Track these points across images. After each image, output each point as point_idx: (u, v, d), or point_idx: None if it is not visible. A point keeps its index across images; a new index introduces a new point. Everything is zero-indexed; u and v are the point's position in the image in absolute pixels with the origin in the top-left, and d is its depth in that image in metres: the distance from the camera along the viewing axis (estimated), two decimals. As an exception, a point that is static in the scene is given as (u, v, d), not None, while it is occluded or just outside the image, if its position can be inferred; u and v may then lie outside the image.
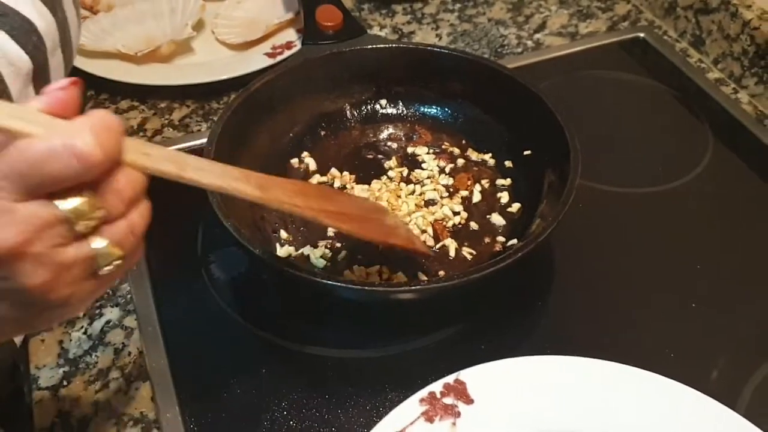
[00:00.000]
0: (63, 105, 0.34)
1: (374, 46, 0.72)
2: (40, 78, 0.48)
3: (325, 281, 0.51)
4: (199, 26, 0.83)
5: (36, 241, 0.33)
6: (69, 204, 0.33)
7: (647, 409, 0.49)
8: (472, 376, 0.50)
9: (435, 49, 0.72)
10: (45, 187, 0.33)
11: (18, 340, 0.56)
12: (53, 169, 0.32)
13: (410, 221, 0.63)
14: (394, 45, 0.74)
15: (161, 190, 0.40)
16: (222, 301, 0.59)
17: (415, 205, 0.64)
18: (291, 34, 0.83)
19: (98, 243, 0.35)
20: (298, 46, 0.80)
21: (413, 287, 0.53)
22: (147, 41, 0.80)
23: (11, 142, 0.32)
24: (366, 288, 0.52)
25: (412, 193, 0.66)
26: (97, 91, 0.78)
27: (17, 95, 0.45)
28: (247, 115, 0.65)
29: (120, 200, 0.35)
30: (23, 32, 0.46)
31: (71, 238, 0.34)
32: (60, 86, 0.34)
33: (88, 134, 0.32)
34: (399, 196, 0.65)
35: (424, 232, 0.62)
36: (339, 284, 0.51)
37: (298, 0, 0.79)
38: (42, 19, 0.47)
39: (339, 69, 0.71)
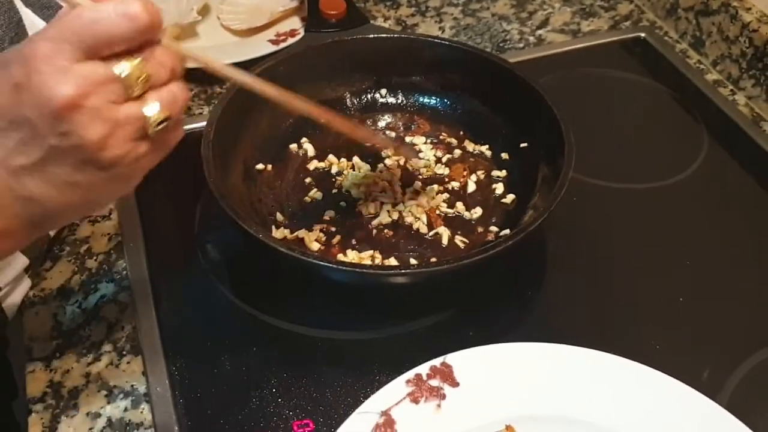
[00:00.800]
0: None
1: (376, 35, 0.73)
2: None
3: (317, 262, 0.52)
4: (204, 11, 0.83)
5: (92, 96, 0.36)
6: (120, 66, 0.37)
7: (630, 398, 0.50)
8: (458, 359, 0.51)
9: (436, 40, 0.73)
10: (99, 49, 0.37)
11: (11, 311, 0.56)
12: (106, 29, 0.36)
13: (405, 209, 0.64)
14: (395, 35, 0.75)
15: (159, 171, 0.42)
16: (216, 280, 0.60)
17: (411, 192, 0.65)
18: (295, 22, 0.83)
19: (148, 105, 0.39)
20: (301, 33, 0.81)
21: (404, 271, 0.54)
22: (152, 24, 0.80)
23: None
24: (357, 270, 0.53)
25: (409, 182, 0.67)
26: (101, 72, 0.79)
27: None
28: (247, 100, 0.66)
29: (163, 68, 0.39)
30: None
31: (123, 97, 0.38)
32: None
33: (136, 1, 0.37)
34: (392, 183, 0.66)
35: (417, 219, 0.63)
36: (331, 265, 0.52)
37: (303, -13, 0.80)
38: None
39: (340, 57, 0.72)
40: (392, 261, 0.60)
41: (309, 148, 0.70)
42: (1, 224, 0.39)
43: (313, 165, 0.69)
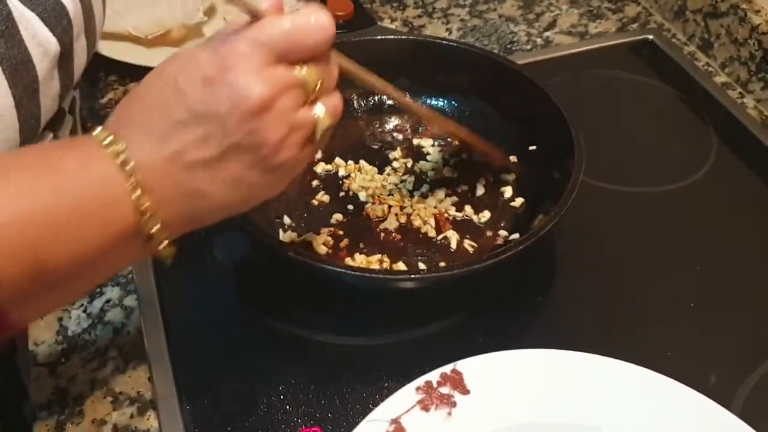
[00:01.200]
0: (279, 5, 0.40)
1: (383, 37, 0.73)
2: (64, 61, 0.48)
3: (325, 266, 0.52)
4: (210, 11, 0.83)
5: (281, 98, 0.39)
6: (304, 71, 0.40)
7: (642, 406, 0.49)
8: (469, 366, 0.50)
9: (444, 41, 0.73)
10: (290, 54, 0.39)
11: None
12: (304, 37, 0.39)
13: (413, 212, 0.63)
14: (403, 36, 0.74)
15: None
16: (223, 284, 0.60)
17: (420, 195, 0.65)
18: (302, 23, 0.83)
19: (319, 109, 0.41)
20: (307, 34, 0.80)
21: (413, 276, 0.53)
22: (158, 24, 0.80)
23: (253, 23, 0.39)
24: (366, 275, 0.52)
25: (417, 184, 0.67)
26: (106, 73, 0.79)
27: (44, 77, 0.46)
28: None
29: (333, 76, 0.42)
30: (54, 15, 0.46)
31: (303, 101, 0.40)
32: None
33: (325, 12, 0.40)
34: (400, 187, 0.66)
35: (425, 223, 0.63)
36: (339, 270, 0.52)
37: (310, -12, 0.79)
38: (72, 4, 0.48)
39: (347, 59, 0.71)
40: (400, 265, 0.59)
41: (316, 151, 0.69)
42: (163, 216, 0.38)
43: (320, 167, 0.68)
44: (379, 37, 0.72)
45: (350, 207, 0.65)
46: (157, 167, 0.38)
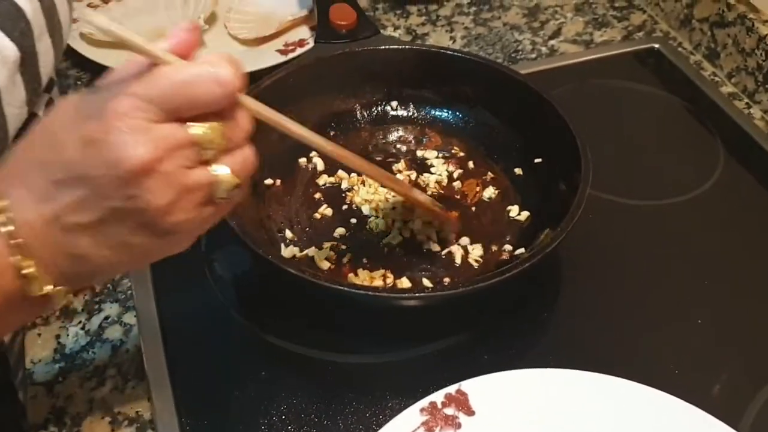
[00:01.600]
0: (187, 46, 0.37)
1: (387, 47, 0.72)
2: (28, 65, 0.47)
3: (328, 285, 0.51)
4: (211, 19, 0.82)
5: (166, 160, 0.35)
6: (200, 129, 0.36)
7: (649, 425, 0.48)
8: (474, 387, 0.49)
9: (448, 51, 0.72)
10: (183, 111, 0.36)
11: (5, 338, 0.55)
12: (196, 93, 0.35)
13: (416, 226, 0.63)
14: (407, 46, 0.74)
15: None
16: (224, 300, 0.59)
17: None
18: (304, 32, 0.82)
19: (220, 169, 0.38)
20: (311, 43, 0.79)
21: (417, 294, 0.52)
22: (158, 33, 0.79)
23: (149, 70, 0.35)
24: (370, 294, 0.51)
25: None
26: (105, 82, 0.78)
27: (5, 83, 0.45)
28: (256, 113, 0.65)
29: (240, 132, 0.38)
30: (10, 19, 0.45)
31: (197, 162, 0.37)
32: (185, 29, 0.38)
33: (228, 66, 0.36)
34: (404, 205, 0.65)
35: (429, 238, 0.62)
36: (343, 288, 0.51)
37: (312, -3, 0.79)
38: (29, 4, 0.47)
39: (351, 69, 0.71)
40: (404, 281, 0.58)
41: (318, 163, 0.69)
42: (50, 278, 0.37)
43: (322, 180, 0.67)
44: (382, 47, 0.71)
45: (353, 221, 0.64)
46: (38, 227, 0.36)
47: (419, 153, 0.71)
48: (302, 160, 0.69)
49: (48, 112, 0.51)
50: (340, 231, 0.62)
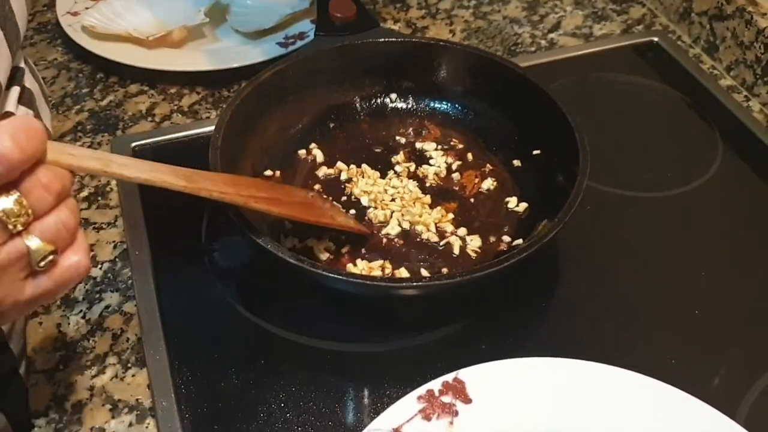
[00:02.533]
0: None
1: (386, 39, 0.72)
2: None
3: (327, 274, 0.51)
4: (212, 12, 0.82)
5: None
6: None
7: (645, 415, 0.49)
8: (471, 375, 0.50)
9: (446, 44, 0.72)
10: None
11: (4, 327, 0.55)
12: None
13: (420, 216, 0.63)
14: (406, 39, 0.74)
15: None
16: (224, 289, 0.59)
17: (422, 204, 0.64)
18: (305, 25, 0.82)
19: (31, 239, 0.36)
20: (311, 36, 0.79)
21: (415, 283, 0.53)
22: (159, 25, 0.79)
23: None
24: (368, 282, 0.52)
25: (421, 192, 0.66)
26: (106, 74, 0.78)
27: None
28: (256, 104, 0.65)
29: (47, 195, 0.36)
30: None
31: (5, 237, 0.35)
32: None
33: (6, 136, 0.34)
34: (402, 196, 0.65)
35: (428, 228, 0.62)
36: (341, 277, 0.51)
37: (312, -11, 0.79)
38: None
39: (350, 61, 0.71)
40: (403, 271, 0.59)
41: (318, 154, 0.69)
42: None
43: (322, 171, 0.68)
44: (382, 40, 0.71)
45: (352, 211, 0.64)
46: None
47: (418, 145, 0.71)
48: (301, 152, 0.69)
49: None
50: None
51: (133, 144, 0.70)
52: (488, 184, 0.67)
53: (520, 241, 0.61)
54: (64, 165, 0.38)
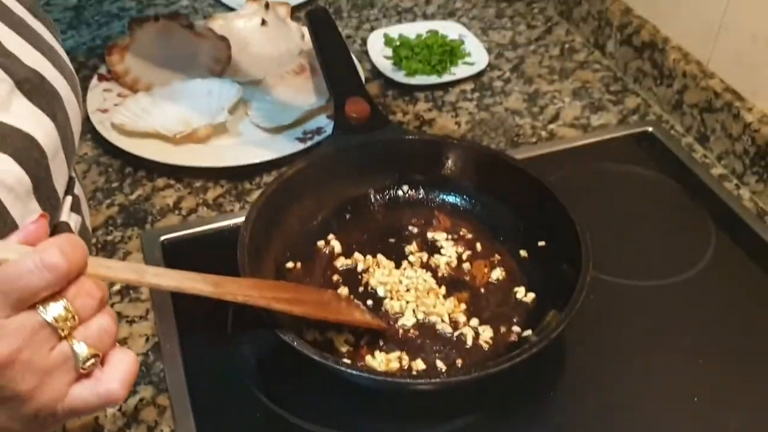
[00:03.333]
0: (35, 235, 0.42)
1: (397, 136, 0.77)
2: (43, 186, 0.51)
3: (349, 371, 0.55)
4: (234, 109, 0.87)
5: (24, 349, 0.39)
6: (50, 311, 0.39)
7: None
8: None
9: (452, 141, 0.78)
10: (26, 300, 0.39)
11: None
12: (29, 282, 0.38)
13: (434, 307, 0.67)
14: (416, 137, 0.79)
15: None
16: (250, 382, 0.62)
17: (435, 295, 0.68)
18: (322, 120, 0.88)
19: (76, 343, 0.40)
20: (327, 131, 0.85)
21: (432, 381, 0.56)
22: (184, 122, 0.84)
23: None
24: (388, 380, 0.56)
25: (434, 282, 0.70)
26: (134, 169, 0.83)
27: (20, 217, 0.49)
28: (279, 200, 0.70)
29: (91, 301, 0.41)
30: (25, 150, 0.49)
31: (55, 342, 0.40)
32: (31, 221, 0.42)
33: (54, 249, 0.39)
34: (417, 287, 0.69)
35: (441, 320, 0.66)
36: (362, 374, 0.55)
37: (329, 91, 0.84)
38: (41, 129, 0.51)
39: (365, 157, 0.76)
40: (419, 363, 0.62)
41: (336, 245, 0.73)
42: None
43: (340, 262, 0.72)
44: (394, 137, 0.77)
45: (369, 302, 0.68)
46: None
47: (429, 235, 0.75)
48: (320, 243, 0.73)
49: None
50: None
51: (162, 238, 0.75)
52: (497, 274, 0.71)
53: (529, 331, 0.65)
54: (103, 276, 0.43)
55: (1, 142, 0.48)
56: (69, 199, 0.57)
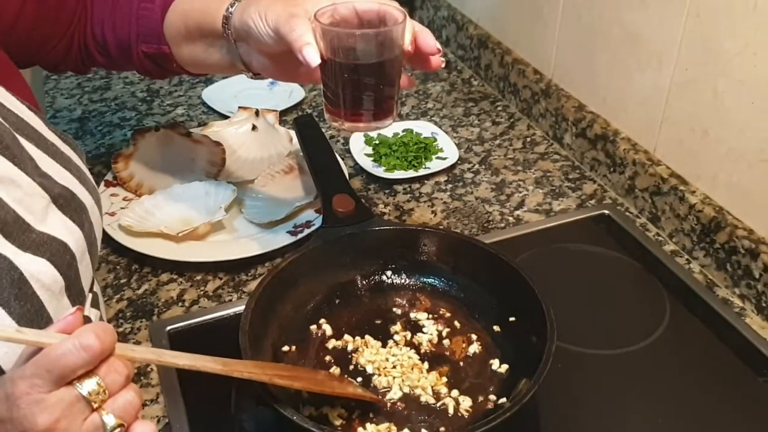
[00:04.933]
0: (72, 325, 0.48)
1: (380, 227, 0.86)
2: (73, 285, 0.60)
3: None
4: (229, 207, 0.96)
5: (63, 419, 0.45)
6: (85, 386, 0.47)
7: None
8: None
9: (429, 229, 0.86)
10: (66, 377, 0.46)
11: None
12: (68, 361, 0.46)
13: (418, 381, 0.73)
14: (396, 227, 0.88)
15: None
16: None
17: (419, 370, 0.75)
18: (310, 215, 0.96)
19: (105, 414, 0.48)
20: (316, 224, 0.93)
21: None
22: (184, 221, 0.93)
23: (36, 352, 0.47)
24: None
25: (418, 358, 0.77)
26: (140, 266, 0.91)
27: (54, 312, 0.57)
28: (274, 290, 0.77)
29: (119, 377, 0.48)
30: (59, 255, 0.58)
31: (88, 413, 0.47)
32: (69, 313, 0.49)
33: (90, 333, 0.47)
34: (402, 363, 0.76)
35: (425, 392, 0.73)
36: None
37: (317, 188, 0.94)
38: (72, 237, 0.60)
39: (351, 247, 0.84)
40: (406, 432, 0.69)
41: (327, 328, 0.80)
42: None
43: (331, 344, 0.79)
44: (377, 228, 0.85)
45: (359, 379, 0.74)
46: None
47: (412, 315, 0.83)
48: (313, 327, 0.81)
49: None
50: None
51: (168, 328, 0.81)
52: (474, 348, 0.78)
53: (504, 399, 0.71)
54: (129, 357, 0.50)
55: (41, 248, 0.56)
56: (90, 295, 0.65)
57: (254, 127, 1.10)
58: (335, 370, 0.75)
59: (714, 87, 0.87)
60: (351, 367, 0.76)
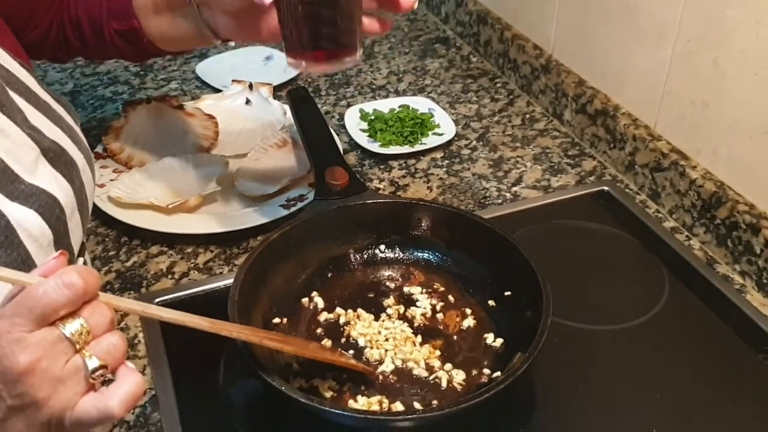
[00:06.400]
0: (54, 269, 0.46)
1: (374, 200, 0.84)
2: (61, 241, 0.58)
3: (332, 410, 0.60)
4: (222, 180, 0.94)
5: (44, 359, 0.44)
6: (68, 327, 0.45)
7: None
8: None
9: (424, 203, 0.85)
10: (48, 316, 0.44)
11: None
12: (50, 299, 0.44)
13: (411, 354, 0.72)
14: (391, 200, 0.86)
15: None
16: (241, 428, 0.67)
17: (412, 343, 0.74)
18: (303, 188, 0.95)
19: (88, 356, 0.46)
20: (309, 198, 0.92)
21: (409, 416, 0.61)
22: (175, 193, 0.91)
23: (18, 292, 0.45)
24: (369, 417, 0.60)
25: (411, 331, 0.75)
26: (130, 238, 0.89)
27: (42, 262, 0.54)
28: (266, 261, 0.76)
29: (103, 320, 0.46)
30: (48, 208, 0.56)
31: (71, 354, 0.45)
32: (52, 257, 0.47)
33: (72, 271, 0.45)
34: (395, 336, 0.74)
35: (418, 365, 0.71)
36: (345, 413, 0.60)
37: (310, 161, 0.92)
38: (62, 191, 0.58)
39: (345, 220, 0.83)
40: (398, 405, 0.67)
41: (319, 301, 0.79)
42: None
43: (323, 317, 0.77)
44: (371, 201, 0.84)
45: (351, 352, 0.73)
46: None
47: (406, 289, 0.81)
48: (305, 300, 0.79)
49: None
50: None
51: (156, 300, 0.80)
52: (468, 322, 0.77)
53: (498, 373, 0.70)
54: (113, 306, 0.48)
55: (30, 199, 0.54)
56: (81, 260, 0.63)
57: (248, 101, 1.08)
58: (327, 342, 0.74)
59: (715, 58, 0.85)
60: (343, 340, 0.75)
